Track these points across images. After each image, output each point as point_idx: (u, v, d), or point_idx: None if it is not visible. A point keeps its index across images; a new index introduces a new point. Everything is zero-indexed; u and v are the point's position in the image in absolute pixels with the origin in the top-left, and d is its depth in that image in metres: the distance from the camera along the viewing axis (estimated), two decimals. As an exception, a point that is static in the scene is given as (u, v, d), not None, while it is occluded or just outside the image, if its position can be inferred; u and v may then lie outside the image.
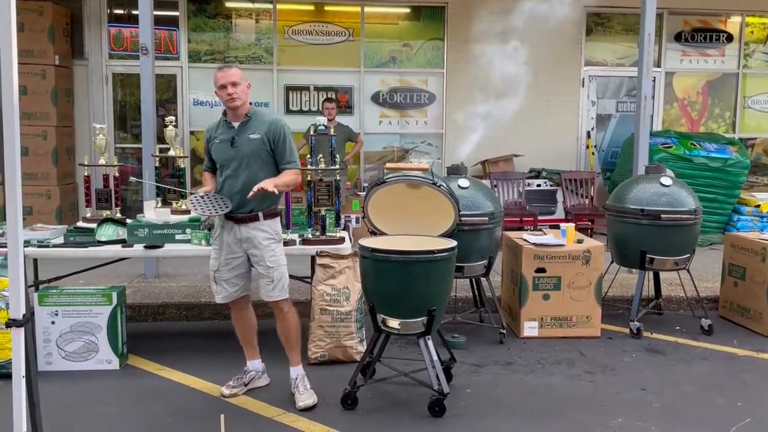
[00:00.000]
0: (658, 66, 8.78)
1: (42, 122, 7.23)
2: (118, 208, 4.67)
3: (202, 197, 3.42)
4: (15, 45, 1.68)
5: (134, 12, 7.63)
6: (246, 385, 3.68)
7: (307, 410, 3.42)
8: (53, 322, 3.90)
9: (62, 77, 7.55)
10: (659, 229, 4.63)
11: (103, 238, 4.13)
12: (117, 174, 4.65)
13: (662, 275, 5.24)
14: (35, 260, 4.30)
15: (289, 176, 3.48)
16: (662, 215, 4.61)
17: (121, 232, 4.16)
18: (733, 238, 5.16)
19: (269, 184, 3.32)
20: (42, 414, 2.19)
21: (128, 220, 4.28)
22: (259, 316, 3.86)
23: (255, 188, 3.30)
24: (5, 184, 1.75)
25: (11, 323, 1.79)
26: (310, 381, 3.60)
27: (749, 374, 4.01)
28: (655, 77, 8.56)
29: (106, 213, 4.52)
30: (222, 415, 2.88)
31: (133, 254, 4.14)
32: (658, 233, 4.64)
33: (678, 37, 8.89)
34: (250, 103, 3.53)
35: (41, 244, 4.07)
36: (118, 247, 4.09)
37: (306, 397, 3.50)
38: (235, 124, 3.48)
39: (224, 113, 3.53)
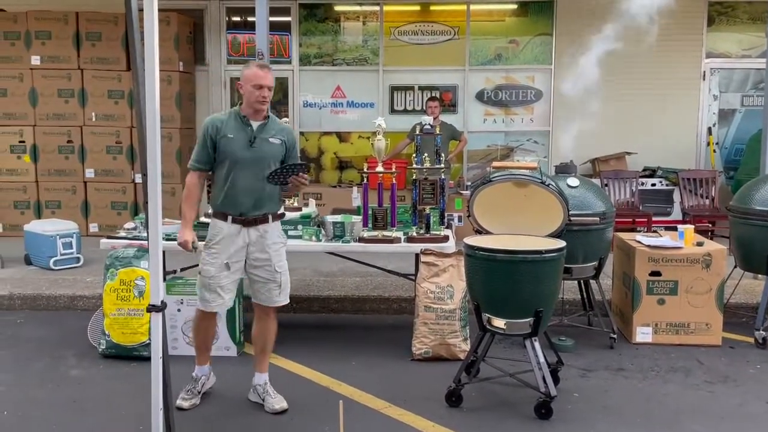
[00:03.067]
0: (790, 56, 8.08)
1: (168, 125, 7.78)
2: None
3: (279, 171, 3.17)
4: (157, 59, 1.84)
5: (250, 19, 8.06)
6: (200, 393, 3.54)
7: (282, 413, 3.37)
8: (179, 310, 4.21)
9: (185, 82, 8.10)
10: (790, 233, 4.29)
11: (223, 233, 4.39)
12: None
13: (793, 282, 4.85)
14: (163, 252, 4.64)
15: None
16: (794, 217, 4.27)
17: (239, 228, 4.40)
18: None
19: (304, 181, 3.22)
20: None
21: (245, 216, 4.52)
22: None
23: (301, 181, 3.17)
24: (147, 183, 1.93)
25: (151, 308, 1.97)
26: (414, 376, 3.65)
27: None
28: (786, 68, 7.88)
29: (225, 209, 4.80)
30: (341, 401, 3.01)
31: (250, 248, 4.37)
32: (789, 237, 4.31)
33: (814, 24, 8.14)
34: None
35: (169, 238, 4.39)
36: (236, 241, 4.34)
37: (280, 399, 3.43)
38: (254, 124, 3.32)
39: (239, 109, 3.35)
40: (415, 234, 4.31)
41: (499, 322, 3.41)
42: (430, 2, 8.36)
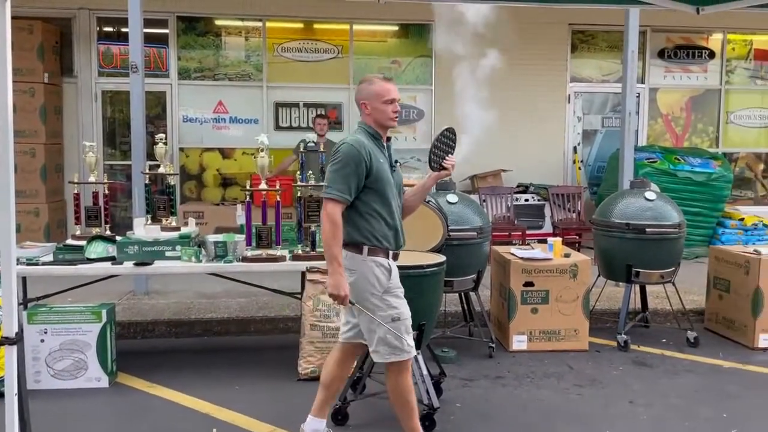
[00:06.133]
0: (642, 82, 8.91)
1: (31, 139, 7.22)
2: (108, 226, 4.67)
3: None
4: (9, 65, 1.71)
5: (124, 30, 7.68)
6: None
7: None
8: (42, 340, 3.89)
9: (51, 95, 7.56)
10: (644, 243, 4.70)
11: (93, 256, 4.13)
12: (106, 191, 4.66)
13: (648, 288, 5.30)
14: (24, 278, 4.28)
15: None
16: (647, 229, 4.68)
17: (111, 250, 4.16)
18: (718, 252, 5.24)
19: None
20: (32, 432, 2.20)
21: (118, 238, 4.28)
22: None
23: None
24: (-1, 203, 1.77)
25: (4, 341, 1.80)
26: (300, 397, 3.60)
27: (734, 386, 4.06)
28: (639, 93, 8.69)
29: (95, 230, 4.52)
30: (214, 429, 2.90)
31: (123, 271, 4.14)
32: (643, 247, 4.71)
33: (661, 54, 9.04)
34: None
35: (30, 262, 4.06)
36: (107, 264, 4.09)
37: None
38: (386, 146, 2.99)
39: (369, 129, 2.94)
40: (300, 252, 4.27)
41: (384, 338, 3.43)
42: (313, 20, 8.39)
